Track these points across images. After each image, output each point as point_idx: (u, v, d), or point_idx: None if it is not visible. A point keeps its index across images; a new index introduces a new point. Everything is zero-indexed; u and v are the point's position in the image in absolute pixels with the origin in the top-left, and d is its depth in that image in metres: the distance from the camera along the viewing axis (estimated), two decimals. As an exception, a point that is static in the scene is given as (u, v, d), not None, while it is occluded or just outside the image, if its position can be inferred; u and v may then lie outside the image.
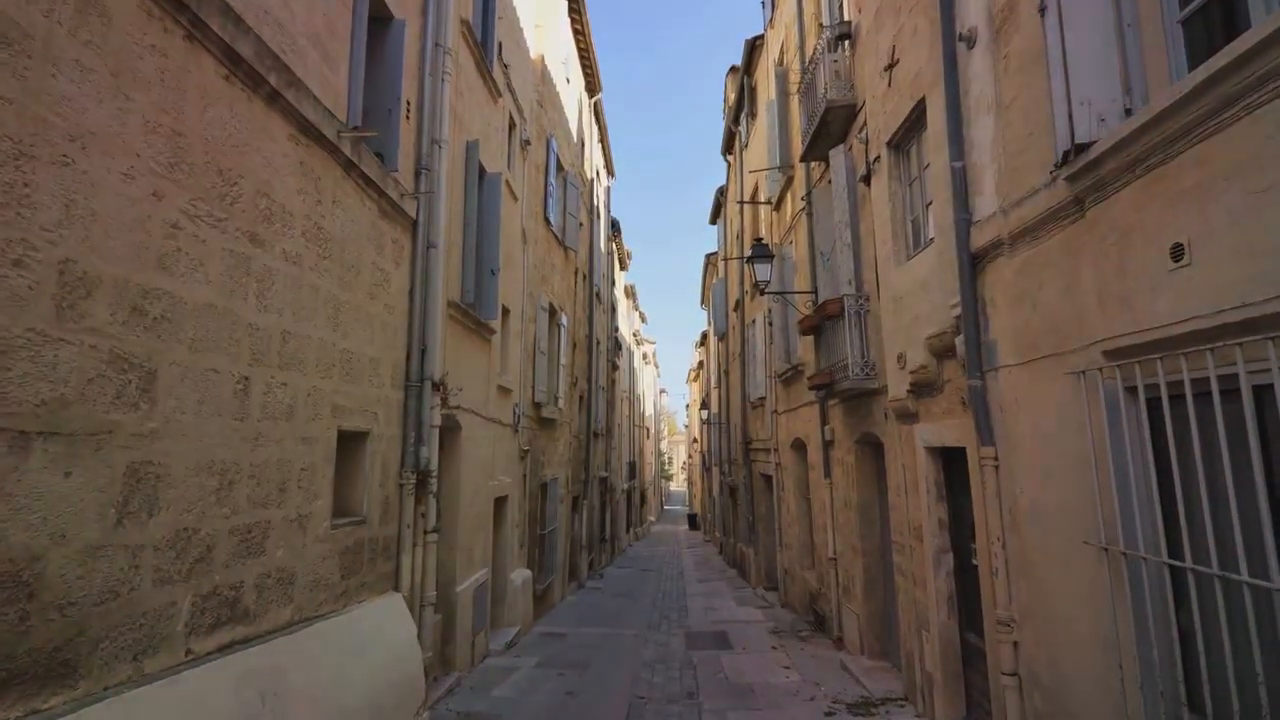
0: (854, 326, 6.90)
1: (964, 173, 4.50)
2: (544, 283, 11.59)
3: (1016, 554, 4.00)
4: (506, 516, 9.29)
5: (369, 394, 4.83)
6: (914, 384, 5.58)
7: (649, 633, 10.11)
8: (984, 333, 4.34)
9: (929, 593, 5.53)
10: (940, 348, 5.04)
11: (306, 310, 3.96)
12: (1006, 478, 4.10)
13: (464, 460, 7.24)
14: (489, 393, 8.28)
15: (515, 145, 9.91)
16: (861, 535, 7.69)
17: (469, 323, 7.26)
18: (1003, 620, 4.08)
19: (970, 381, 4.33)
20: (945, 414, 5.14)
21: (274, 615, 3.61)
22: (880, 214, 6.30)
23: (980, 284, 4.39)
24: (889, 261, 6.10)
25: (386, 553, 5.14)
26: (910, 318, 5.60)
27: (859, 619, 7.71)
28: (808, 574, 10.48)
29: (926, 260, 5.29)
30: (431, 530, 5.78)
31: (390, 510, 5.21)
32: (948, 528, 5.45)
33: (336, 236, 4.35)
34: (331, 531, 4.27)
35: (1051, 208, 3.51)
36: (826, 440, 8.80)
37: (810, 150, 8.36)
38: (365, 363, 4.77)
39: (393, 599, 5.08)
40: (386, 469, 5.14)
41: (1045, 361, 3.64)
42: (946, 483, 5.48)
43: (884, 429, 6.76)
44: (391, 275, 5.26)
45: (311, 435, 4.01)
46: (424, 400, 5.72)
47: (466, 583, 7.24)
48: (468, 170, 7.27)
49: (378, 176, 4.85)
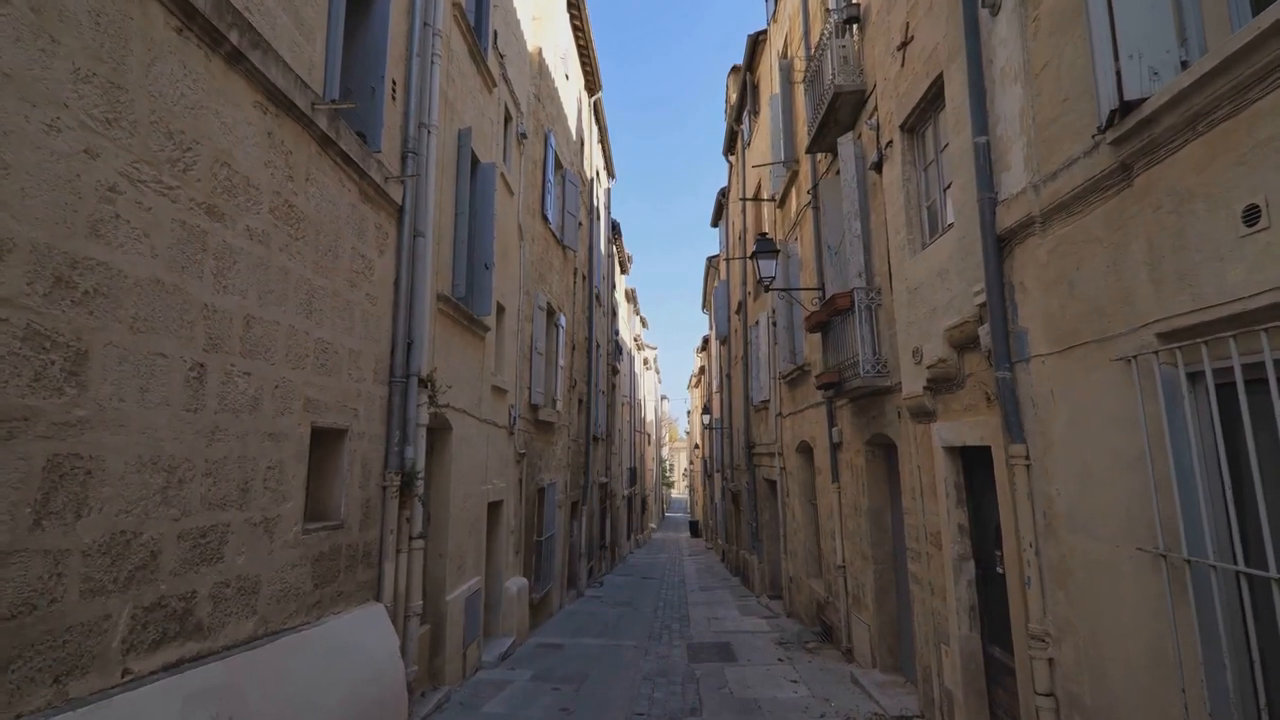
0: (864, 321, 6.56)
1: (988, 148, 4.17)
2: (541, 281, 11.27)
3: (1052, 562, 3.64)
4: (501, 522, 8.94)
5: (348, 388, 4.49)
6: (931, 379, 5.23)
7: (649, 644, 9.73)
8: (1012, 320, 4.00)
9: (949, 603, 5.17)
10: (961, 339, 4.70)
11: (275, 294, 3.62)
12: (1040, 478, 3.75)
13: (455, 462, 6.89)
14: (482, 393, 7.94)
15: (511, 138, 9.61)
16: (872, 542, 7.33)
17: (461, 318, 6.93)
18: (1037, 635, 3.72)
19: (998, 374, 3.99)
20: (967, 411, 4.80)
21: (233, 629, 3.27)
22: (893, 202, 5.97)
23: (1007, 268, 4.05)
24: (903, 251, 5.77)
25: (367, 560, 4.79)
26: (927, 309, 5.26)
27: (870, 630, 7.34)
28: (814, 582, 10.11)
29: (945, 247, 4.96)
30: (417, 536, 5.43)
31: (371, 514, 4.87)
32: (969, 533, 5.09)
33: (311, 217, 4.02)
34: (303, 536, 3.92)
35: (1092, 177, 3.18)
36: (834, 443, 8.45)
37: (816, 141, 8.04)
38: (343, 355, 4.44)
39: (373, 609, 4.73)
40: (368, 470, 4.80)
41: (1086, 349, 3.29)
42: (967, 485, 5.13)
43: (897, 429, 6.41)
44: (374, 263, 4.94)
45: (280, 431, 3.67)
46: (409, 397, 5.38)
47: (457, 591, 6.88)
48: (459, 159, 6.96)
49: (358, 156, 4.53)
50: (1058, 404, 3.56)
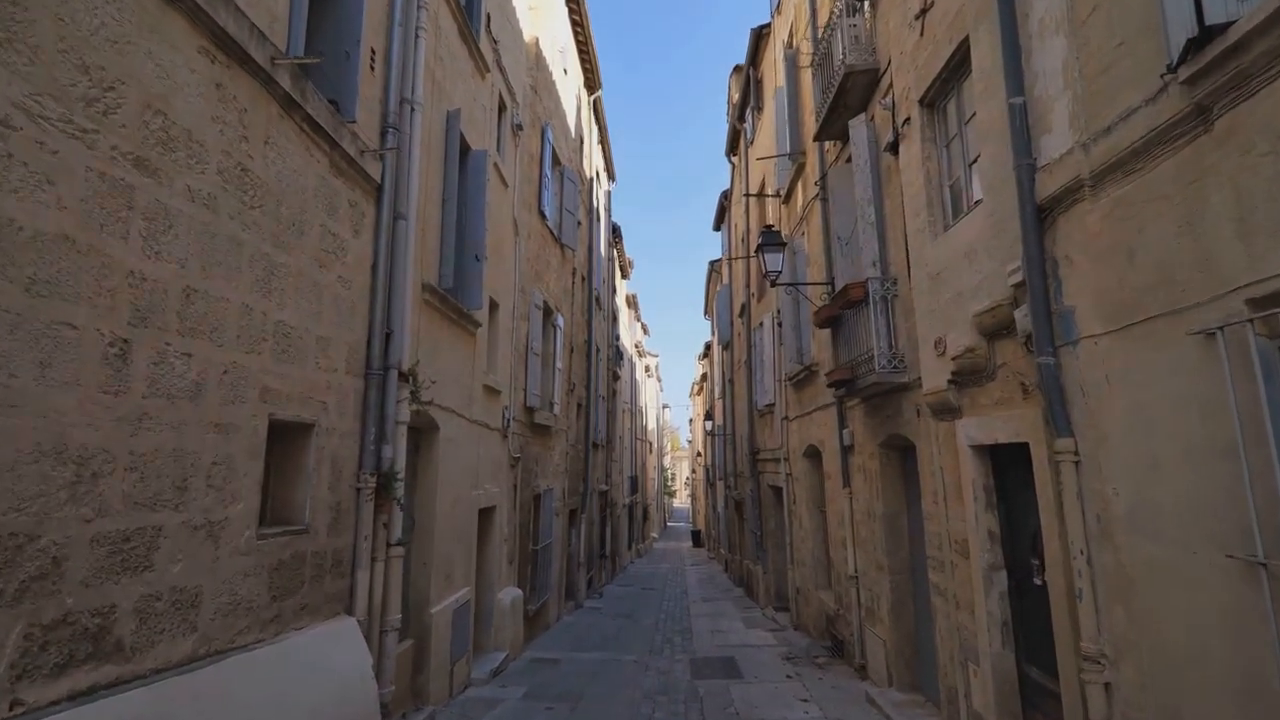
0: (879, 313, 6.13)
1: (1024, 110, 3.75)
2: (538, 279, 10.85)
3: (1109, 571, 3.19)
4: (494, 530, 8.48)
5: (315, 379, 4.06)
6: (957, 372, 4.79)
7: (650, 658, 9.23)
8: (1056, 299, 3.57)
9: (978, 617, 4.70)
10: (992, 325, 4.26)
11: (224, 267, 3.20)
12: (1092, 476, 3.31)
13: (441, 465, 6.45)
14: (473, 392, 7.51)
15: (506, 129, 9.22)
16: (888, 550, 6.86)
17: (449, 311, 6.51)
18: (1090, 655, 3.26)
19: (1039, 360, 3.55)
20: (998, 405, 4.35)
21: (166, 648, 2.82)
22: (911, 183, 5.55)
23: (1049, 241, 3.62)
24: (922, 235, 5.34)
25: (338, 569, 4.34)
26: (951, 295, 4.83)
27: (886, 645, 6.86)
28: (823, 594, 9.62)
29: (972, 225, 4.53)
30: (396, 543, 4.98)
31: (343, 519, 4.42)
32: (1000, 540, 4.64)
33: (271, 185, 3.61)
34: (258, 543, 3.48)
35: (1158, 126, 2.75)
36: (845, 445, 7.99)
37: (825, 127, 7.64)
38: (310, 341, 4.01)
39: (344, 624, 4.28)
40: (339, 469, 4.36)
41: (1151, 324, 2.86)
42: (998, 487, 4.68)
43: (915, 429, 5.96)
44: (348, 244, 4.52)
45: (229, 422, 3.23)
46: (388, 392, 4.95)
47: (444, 603, 6.42)
48: (448, 142, 6.55)
49: (329, 124, 4.12)
50: (1114, 390, 3.12)
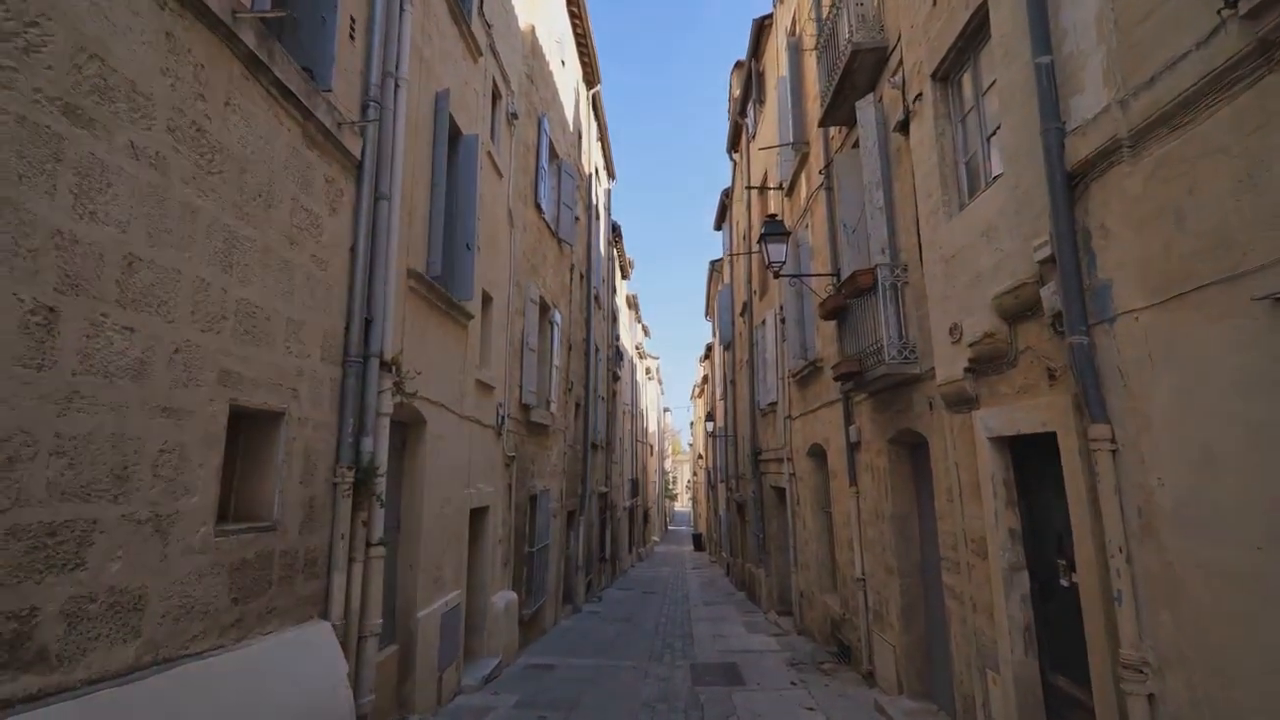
0: (889, 301, 5.82)
1: (1051, 70, 3.45)
2: (534, 273, 10.56)
3: (1153, 572, 2.88)
4: (487, 531, 8.17)
5: (285, 364, 3.77)
6: (975, 359, 4.49)
7: (650, 664, 8.91)
8: (1089, 273, 3.26)
9: (997, 622, 4.39)
10: (1015, 307, 3.96)
11: (175, 235, 2.91)
12: (1132, 466, 3.00)
13: (429, 461, 6.14)
14: (465, 386, 7.21)
15: (500, 117, 8.94)
16: (897, 551, 6.55)
17: (437, 301, 6.21)
18: (1130, 664, 2.95)
19: (1070, 340, 3.25)
20: (1021, 393, 4.05)
21: (102, 657, 2.52)
22: (924, 162, 5.25)
23: (1081, 210, 3.32)
24: (936, 216, 5.05)
25: (311, 569, 4.04)
26: (968, 278, 4.53)
27: (895, 651, 6.54)
28: (828, 597, 9.30)
29: (991, 201, 4.23)
30: (378, 542, 4.68)
31: (318, 516, 4.12)
32: (1022, 539, 4.33)
33: (233, 151, 3.32)
34: (216, 540, 3.18)
35: (1212, 70, 2.46)
36: (852, 442, 7.68)
37: (831, 111, 7.35)
38: (279, 323, 3.71)
39: (317, 629, 3.97)
40: (313, 463, 4.06)
41: (1204, 294, 2.55)
42: (1019, 482, 4.37)
43: (928, 423, 5.66)
44: (324, 222, 4.22)
45: (181, 406, 2.94)
46: (368, 381, 4.65)
47: (432, 607, 6.11)
48: (436, 124, 6.26)
49: (301, 91, 3.83)
50: (1158, 370, 2.82)
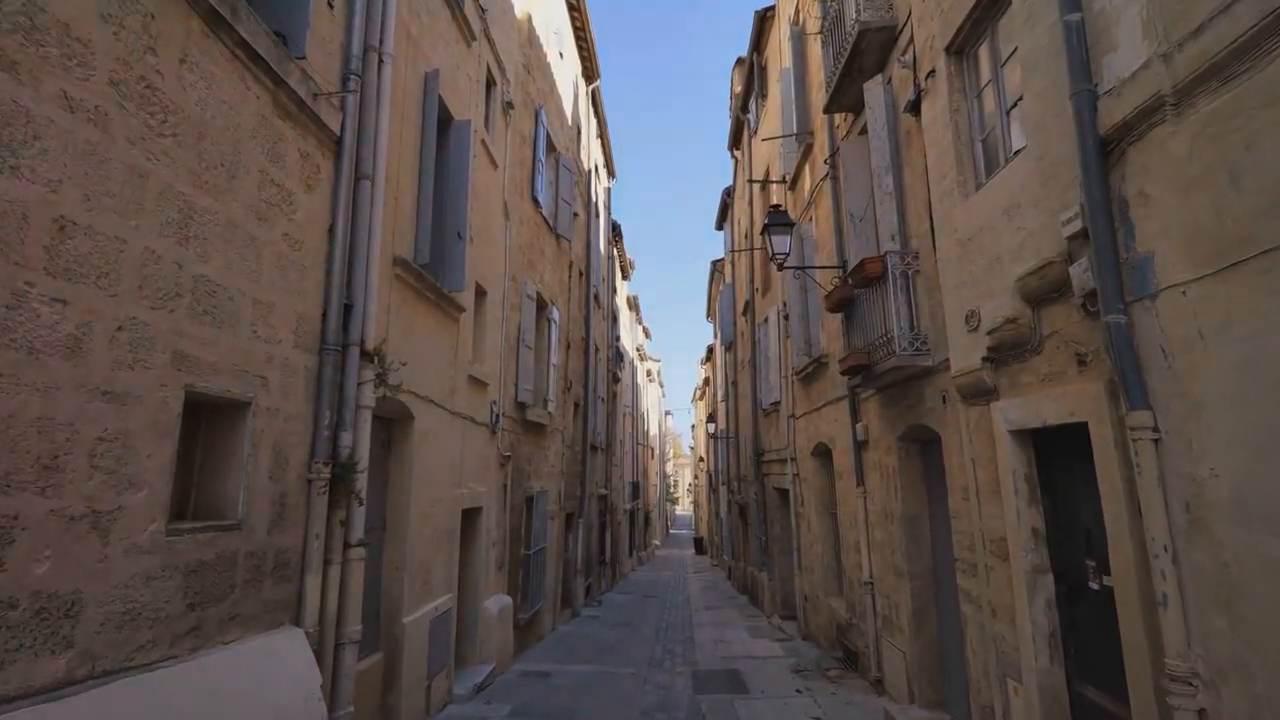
0: (900, 290, 5.54)
1: (1082, 28, 3.17)
2: (531, 268, 10.29)
3: (1205, 573, 2.59)
4: (480, 532, 7.87)
5: (251, 350, 3.49)
6: (994, 348, 4.21)
7: (650, 671, 8.61)
8: (1126, 246, 2.98)
9: (1020, 628, 4.09)
10: (1040, 288, 3.67)
11: (119, 199, 2.63)
12: (1179, 455, 2.71)
13: (417, 459, 5.86)
14: (456, 382, 6.93)
15: (495, 106, 8.68)
16: (907, 553, 6.25)
17: (426, 291, 5.94)
18: (1179, 675, 2.65)
19: (1108, 318, 2.96)
20: (1046, 381, 3.76)
21: (24, 669, 2.23)
22: (937, 142, 4.97)
23: (1116, 177, 3.04)
24: (950, 198, 4.77)
25: (281, 572, 3.75)
26: (987, 261, 4.24)
27: (906, 657, 6.24)
28: (833, 601, 8.99)
29: (1013, 177, 3.95)
30: (358, 543, 4.39)
31: (290, 514, 3.83)
32: (1046, 539, 4.04)
33: (190, 114, 3.04)
34: (168, 539, 2.90)
35: (1274, 11, 2.18)
36: (859, 441, 7.39)
37: (837, 96, 7.08)
38: (244, 304, 3.43)
39: (287, 637, 3.68)
40: (284, 457, 3.77)
41: (1268, 259, 2.27)
42: (1043, 478, 4.08)
43: (941, 417, 5.37)
44: (298, 199, 3.95)
45: (125, 390, 2.65)
46: (348, 371, 4.37)
47: (420, 612, 5.82)
48: (425, 107, 6.00)
49: (271, 56, 3.56)
50: (1210, 348, 2.53)
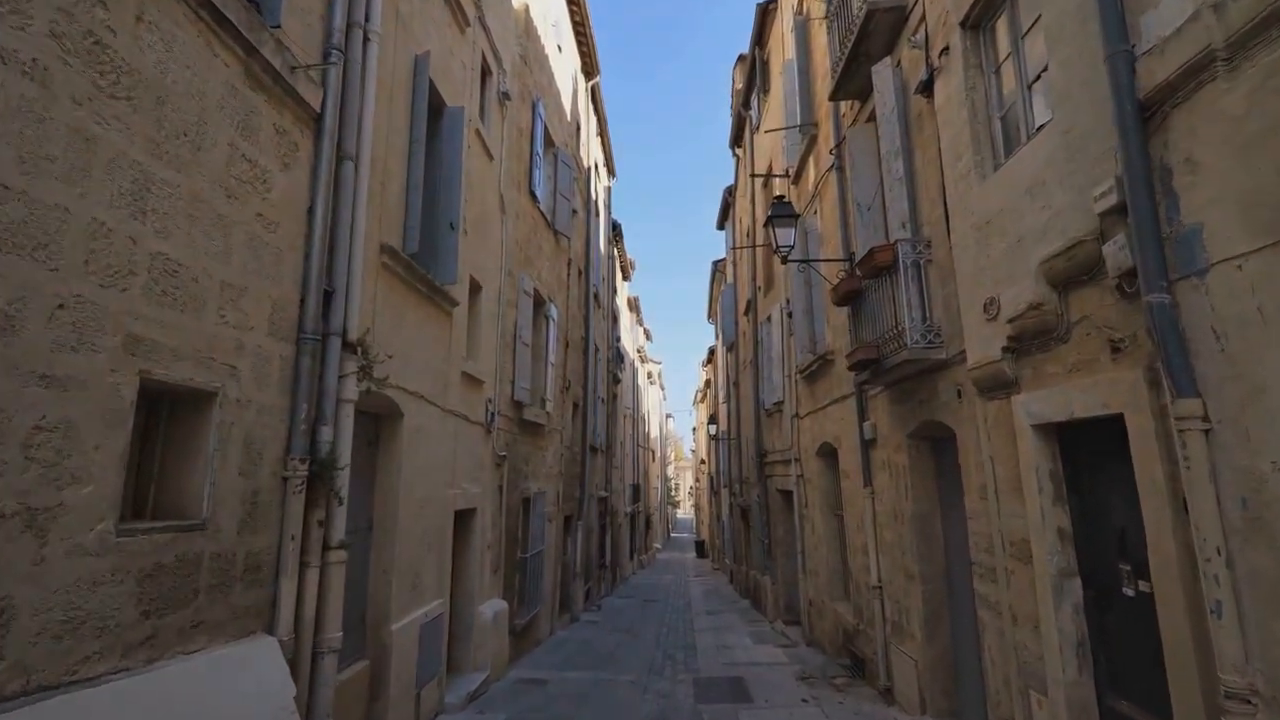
0: (911, 280, 5.28)
1: (1118, -15, 2.93)
2: (528, 265, 10.04)
3: (1266, 576, 2.32)
4: (474, 534, 7.61)
5: (219, 335, 3.23)
6: (1015, 337, 3.95)
7: (650, 678, 8.34)
8: (1170, 218, 2.72)
9: (1045, 636, 3.83)
10: (1068, 270, 3.41)
11: (61, 164, 2.38)
12: (1233, 446, 2.45)
13: (406, 458, 5.60)
14: (449, 378, 6.67)
15: (491, 96, 8.44)
16: (919, 556, 5.98)
17: (416, 282, 5.68)
18: (1235, 692, 2.39)
19: (1150, 298, 2.70)
20: (1074, 371, 3.50)
21: (-60, 687, 1.98)
22: (951, 122, 4.72)
23: (1158, 144, 2.78)
24: (966, 180, 4.51)
25: (253, 576, 3.49)
26: (1006, 245, 3.99)
27: (917, 666, 5.96)
28: (840, 606, 8.72)
29: (1036, 153, 3.69)
30: (338, 545, 4.13)
31: (262, 514, 3.58)
32: (1073, 540, 3.77)
33: (148, 76, 2.79)
34: (119, 540, 2.64)
35: (1356, -62, 1.93)
36: (866, 439, 7.13)
37: (843, 83, 6.84)
38: (210, 286, 3.18)
39: (258, 646, 3.42)
40: (256, 452, 3.52)
41: (1344, 222, 2.02)
42: (1069, 475, 3.81)
43: (955, 413, 5.11)
44: (273, 177, 3.70)
45: (67, 374, 2.40)
46: (328, 362, 4.12)
47: (409, 618, 5.55)
48: (415, 90, 5.75)
49: (241, 21, 3.31)
50: (1273, 326, 2.27)
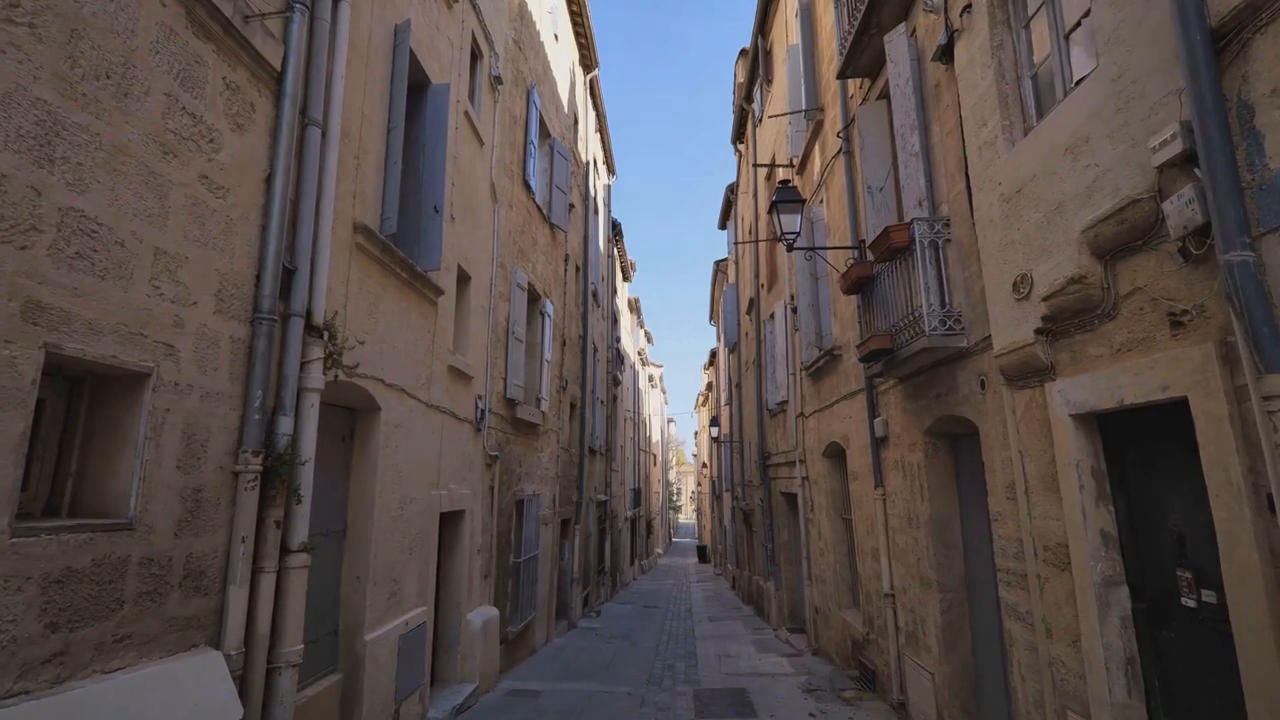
0: (929, 262, 4.88)
1: (1182, -99, 2.53)
2: (522, 257, 9.65)
3: (1390, 587, 1.92)
4: (462, 538, 7.20)
5: (151, 309, 2.84)
6: (1052, 316, 3.54)
7: (648, 690, 7.92)
8: (1252, 164, 2.32)
9: (1086, 652, 3.41)
10: (1118, 236, 3.01)
11: (-66, 93, 1.99)
12: (1341, 430, 2.05)
13: (385, 454, 5.20)
14: (433, 372, 6.27)
15: (482, 79, 8.06)
16: (937, 562, 5.56)
17: (396, 266, 5.29)
18: (1347, 726, 1.98)
19: (1229, 257, 2.29)
20: (1124, 351, 3.09)
21: None
22: (975, 86, 4.33)
23: (1234, 78, 2.38)
24: (992, 148, 4.12)
25: (194, 584, 3.09)
26: (1041, 214, 3.59)
27: (934, 679, 5.54)
28: (848, 614, 8.29)
29: (1078, 107, 3.29)
30: (299, 549, 3.73)
31: (207, 513, 3.17)
32: (1118, 544, 3.36)
33: (58, 5, 2.41)
34: (18, 541, 2.23)
35: None
36: (878, 437, 6.72)
37: (852, 58, 6.46)
38: (141, 252, 2.79)
39: (198, 663, 3.01)
40: (199, 443, 3.12)
41: None
42: (1113, 471, 3.40)
43: (978, 405, 4.70)
44: (223, 137, 3.31)
45: (-57, 344, 2.01)
46: (288, 346, 3.72)
47: (386, 627, 5.15)
48: (395, 61, 5.37)
49: (182, -44, 2.93)
50: (1397, 282, 1.87)
